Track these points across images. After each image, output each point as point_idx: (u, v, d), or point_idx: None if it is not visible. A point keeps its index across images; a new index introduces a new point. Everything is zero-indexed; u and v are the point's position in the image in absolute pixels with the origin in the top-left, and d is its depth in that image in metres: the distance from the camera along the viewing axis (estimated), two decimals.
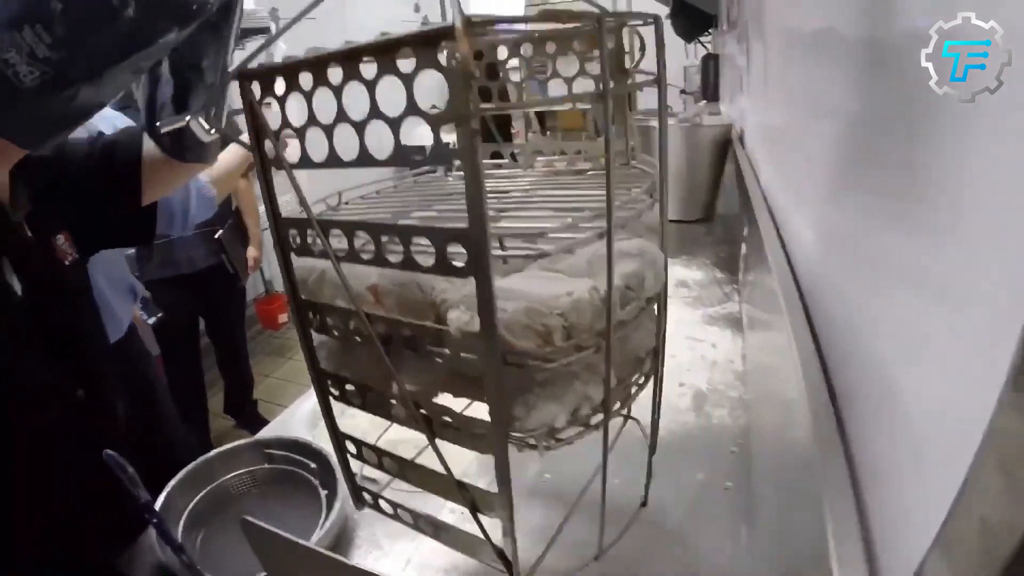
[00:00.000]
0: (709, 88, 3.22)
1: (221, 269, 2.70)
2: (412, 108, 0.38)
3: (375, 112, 0.39)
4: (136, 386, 1.59)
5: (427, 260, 0.42)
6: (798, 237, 0.86)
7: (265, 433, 1.11)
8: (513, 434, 0.51)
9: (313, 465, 1.01)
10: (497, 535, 0.52)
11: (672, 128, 1.69)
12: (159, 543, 0.89)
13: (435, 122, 0.37)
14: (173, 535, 0.90)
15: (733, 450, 0.86)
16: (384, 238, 0.45)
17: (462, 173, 0.36)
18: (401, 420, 0.54)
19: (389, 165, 0.41)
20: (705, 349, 1.06)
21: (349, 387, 0.58)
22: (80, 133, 1.22)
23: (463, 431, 0.50)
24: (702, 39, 3.81)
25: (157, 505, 0.96)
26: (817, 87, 0.78)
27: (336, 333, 0.54)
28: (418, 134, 0.39)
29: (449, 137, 0.37)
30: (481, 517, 0.52)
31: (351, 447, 0.62)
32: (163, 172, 1.10)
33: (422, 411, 0.51)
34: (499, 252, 0.49)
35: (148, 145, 1.11)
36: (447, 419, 0.50)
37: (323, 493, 0.97)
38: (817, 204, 0.75)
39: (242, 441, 1.07)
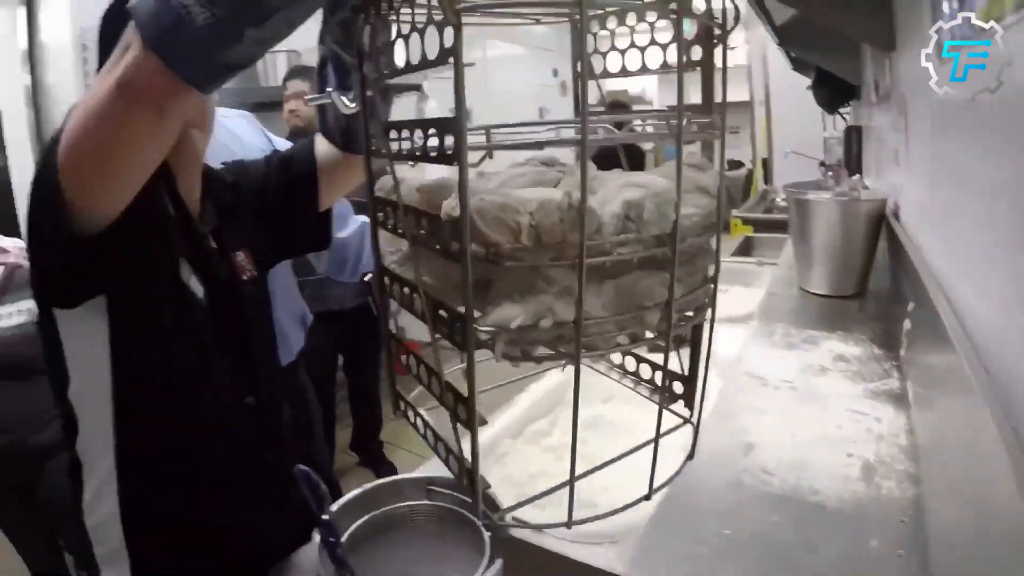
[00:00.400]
0: (852, 160, 3.16)
1: (366, 310, 2.81)
2: (430, 19, 0.46)
3: (413, 27, 0.48)
4: (298, 408, 1.68)
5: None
6: (977, 318, 0.86)
7: (426, 471, 1.14)
8: (480, 329, 0.51)
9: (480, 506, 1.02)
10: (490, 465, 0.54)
11: (827, 202, 1.69)
12: (323, 563, 0.91)
13: (439, 27, 0.44)
14: (346, 559, 0.94)
15: (903, 520, 0.86)
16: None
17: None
18: (419, 315, 0.56)
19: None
20: (870, 423, 1.06)
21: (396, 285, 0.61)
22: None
23: (449, 326, 0.51)
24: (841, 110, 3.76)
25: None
26: (1001, 166, 0.79)
27: (388, 226, 0.59)
28: None
29: None
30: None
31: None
32: (338, 171, 1.17)
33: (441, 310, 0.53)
34: (482, 143, 0.51)
35: (321, 148, 1.18)
36: (443, 313, 0.52)
37: (486, 535, 0.93)
38: (1005, 288, 0.76)
39: (405, 475, 1.07)
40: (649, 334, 0.57)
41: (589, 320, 0.51)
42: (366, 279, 2.66)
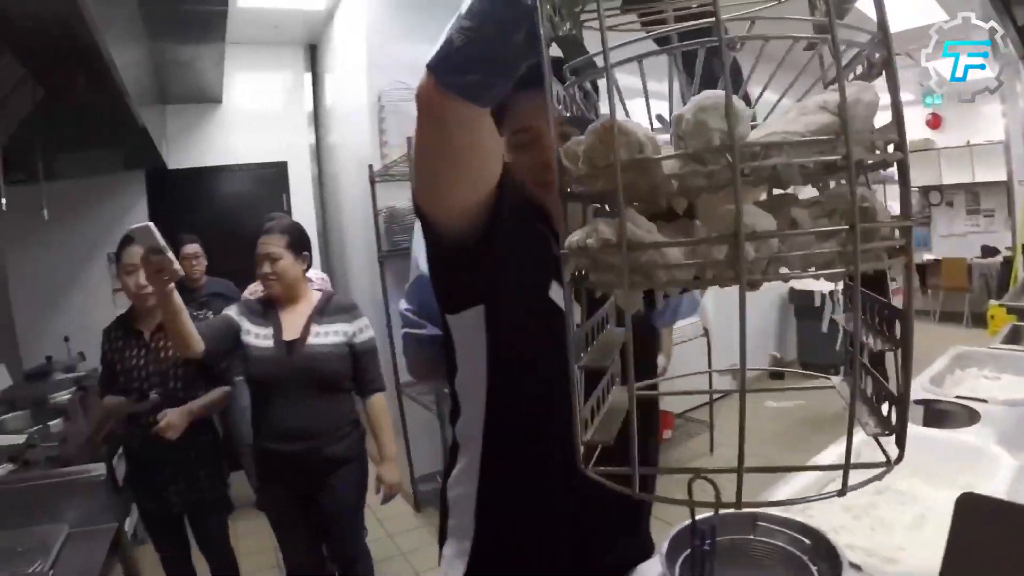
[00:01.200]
0: None
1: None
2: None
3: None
4: None
5: None
6: None
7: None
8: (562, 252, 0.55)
9: (807, 542, 1.01)
10: None
11: None
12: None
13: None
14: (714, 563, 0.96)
15: None
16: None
17: None
18: None
19: None
20: None
21: None
22: None
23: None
24: None
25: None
26: None
27: None
28: None
29: None
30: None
31: None
32: None
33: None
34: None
35: None
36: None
37: (814, 569, 0.97)
38: None
39: (730, 510, 1.15)
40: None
41: (642, 245, 0.48)
42: None
